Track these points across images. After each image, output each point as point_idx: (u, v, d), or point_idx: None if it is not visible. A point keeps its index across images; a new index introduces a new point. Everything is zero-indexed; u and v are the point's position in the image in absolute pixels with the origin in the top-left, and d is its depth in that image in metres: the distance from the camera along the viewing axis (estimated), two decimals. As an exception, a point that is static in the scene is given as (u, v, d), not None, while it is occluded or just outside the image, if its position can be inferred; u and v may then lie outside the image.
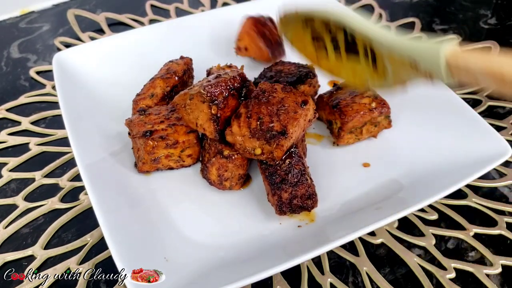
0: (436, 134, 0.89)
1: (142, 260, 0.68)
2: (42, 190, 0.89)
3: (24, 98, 1.09)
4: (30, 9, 1.43)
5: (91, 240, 0.79)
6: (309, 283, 0.73)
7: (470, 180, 0.76)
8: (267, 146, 0.74)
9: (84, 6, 1.44)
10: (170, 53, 1.06)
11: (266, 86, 0.79)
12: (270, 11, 1.19)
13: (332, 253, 0.77)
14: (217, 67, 0.94)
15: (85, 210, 0.84)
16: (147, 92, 0.93)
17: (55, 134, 1.00)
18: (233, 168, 0.79)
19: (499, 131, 0.88)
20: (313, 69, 0.97)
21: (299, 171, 0.76)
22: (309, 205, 0.77)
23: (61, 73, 0.98)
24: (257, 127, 0.75)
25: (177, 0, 1.44)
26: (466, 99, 1.04)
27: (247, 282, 0.63)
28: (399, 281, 0.74)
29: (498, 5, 1.42)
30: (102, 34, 1.30)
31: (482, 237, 0.80)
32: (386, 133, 0.94)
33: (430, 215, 0.82)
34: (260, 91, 0.78)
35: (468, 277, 0.74)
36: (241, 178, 0.82)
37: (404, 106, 0.96)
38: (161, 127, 0.83)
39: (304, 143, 0.86)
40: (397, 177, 0.85)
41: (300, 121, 0.75)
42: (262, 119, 0.75)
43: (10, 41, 1.31)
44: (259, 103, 0.77)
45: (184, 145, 0.83)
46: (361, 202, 0.81)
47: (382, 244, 0.78)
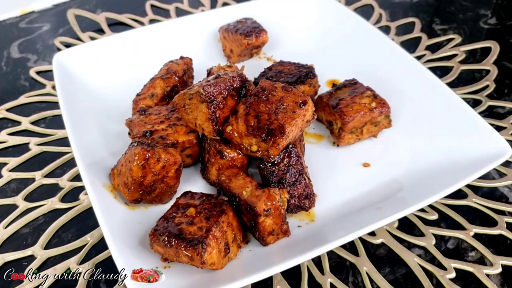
0: (436, 134, 0.89)
1: (142, 260, 0.68)
2: (42, 190, 0.89)
3: (24, 98, 1.09)
4: (30, 9, 1.43)
5: (91, 240, 0.79)
6: (309, 283, 0.73)
7: (470, 180, 0.76)
8: (263, 144, 0.75)
9: (84, 6, 1.44)
10: (170, 53, 1.06)
11: (266, 84, 0.79)
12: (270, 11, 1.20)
13: (332, 253, 0.77)
14: (217, 67, 0.94)
15: (85, 210, 0.84)
16: (147, 92, 0.93)
17: (55, 134, 1.00)
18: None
19: (499, 131, 0.88)
20: (313, 69, 0.97)
21: (297, 171, 0.76)
22: (306, 205, 0.77)
23: (61, 73, 0.98)
24: (254, 124, 0.76)
25: (177, 0, 1.44)
26: (466, 99, 1.04)
27: (247, 282, 0.63)
28: (399, 281, 0.74)
29: (498, 5, 1.42)
30: (102, 34, 1.30)
31: (482, 237, 0.80)
32: (386, 133, 0.94)
33: (430, 215, 0.82)
34: (260, 89, 0.78)
35: (468, 277, 0.74)
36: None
37: (404, 106, 0.96)
38: (161, 127, 0.83)
39: (303, 143, 0.86)
40: (397, 177, 0.85)
41: (298, 121, 0.75)
42: (260, 117, 0.76)
43: (10, 41, 1.31)
44: (258, 100, 0.77)
45: (184, 145, 0.83)
46: (361, 202, 0.81)
47: (382, 244, 0.78)
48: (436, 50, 1.21)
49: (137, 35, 1.12)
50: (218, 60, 1.10)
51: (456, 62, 1.16)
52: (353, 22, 1.15)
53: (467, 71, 1.15)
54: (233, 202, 0.73)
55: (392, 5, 1.42)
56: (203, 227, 0.67)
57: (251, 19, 1.14)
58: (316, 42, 1.17)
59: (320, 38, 1.18)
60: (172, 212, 0.72)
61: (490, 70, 1.14)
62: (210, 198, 0.74)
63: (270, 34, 1.10)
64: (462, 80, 1.12)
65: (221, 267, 0.68)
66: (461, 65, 1.16)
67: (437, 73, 1.06)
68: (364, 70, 1.03)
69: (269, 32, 1.10)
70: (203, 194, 0.75)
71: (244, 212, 0.72)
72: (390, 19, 1.35)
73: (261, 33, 1.08)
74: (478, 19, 1.35)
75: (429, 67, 1.09)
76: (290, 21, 1.21)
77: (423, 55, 1.20)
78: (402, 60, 1.02)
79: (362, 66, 1.06)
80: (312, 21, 1.21)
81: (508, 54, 1.20)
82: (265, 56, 1.16)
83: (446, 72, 1.14)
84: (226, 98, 0.77)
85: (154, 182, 0.76)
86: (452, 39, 1.25)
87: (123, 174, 0.77)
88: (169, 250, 0.66)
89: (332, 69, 1.08)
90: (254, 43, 1.07)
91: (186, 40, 1.14)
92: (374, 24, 1.31)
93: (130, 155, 0.75)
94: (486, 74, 1.13)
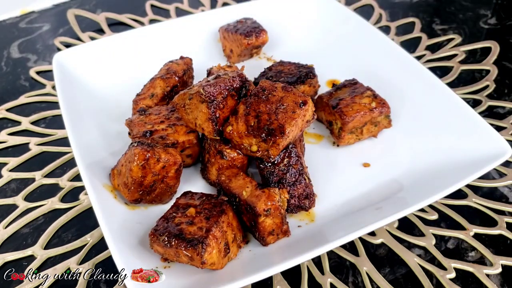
0: (436, 134, 0.89)
1: (142, 260, 0.68)
2: (42, 190, 0.89)
3: (24, 98, 1.09)
4: (30, 9, 1.43)
5: (91, 240, 0.79)
6: (309, 283, 0.73)
7: (470, 180, 0.76)
8: (263, 144, 0.75)
9: (84, 6, 1.44)
10: (170, 53, 1.06)
11: (266, 84, 0.79)
12: (270, 11, 1.20)
13: (332, 253, 0.77)
14: (218, 67, 0.94)
15: (85, 210, 0.84)
16: (147, 92, 0.93)
17: (55, 134, 1.00)
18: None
19: (499, 131, 0.88)
20: (313, 69, 0.97)
21: (297, 171, 0.76)
22: (306, 205, 0.77)
23: (61, 73, 0.98)
24: (254, 124, 0.76)
25: (177, 0, 1.44)
26: (466, 99, 1.04)
27: (247, 282, 0.63)
28: (399, 281, 0.74)
29: (498, 5, 1.42)
30: (102, 34, 1.30)
31: (482, 237, 0.80)
32: (386, 133, 0.94)
33: (430, 215, 0.82)
34: (260, 89, 0.78)
35: (468, 277, 0.74)
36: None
37: (404, 106, 0.96)
38: (161, 127, 0.83)
39: (303, 143, 0.86)
40: (397, 177, 0.85)
41: (298, 121, 0.75)
42: (260, 117, 0.76)
43: (10, 41, 1.31)
44: (258, 100, 0.77)
45: (184, 145, 0.83)
46: (361, 202, 0.81)
47: (382, 244, 0.78)
48: (436, 50, 1.21)
49: (137, 35, 1.12)
50: (218, 60, 1.10)
51: (456, 62, 1.16)
52: (353, 22, 1.15)
53: (467, 71, 1.15)
54: (233, 202, 0.73)
55: (392, 5, 1.42)
56: (203, 227, 0.67)
57: (251, 19, 1.14)
58: (316, 42, 1.17)
59: (320, 38, 1.18)
60: (172, 212, 0.72)
61: (490, 70, 1.14)
62: (210, 198, 0.74)
63: (270, 34, 1.10)
64: (462, 80, 1.12)
65: (221, 267, 0.68)
66: (461, 65, 1.16)
67: (437, 73, 1.06)
68: (364, 70, 1.03)
69: (269, 32, 1.10)
70: (203, 194, 0.75)
71: (244, 212, 0.72)
72: (390, 19, 1.35)
73: (261, 33, 1.08)
74: (478, 19, 1.35)
75: (429, 67, 1.09)
76: (290, 21, 1.21)
77: (423, 55, 1.20)
78: (402, 60, 1.02)
79: (362, 66, 1.06)
80: (312, 21, 1.21)
81: (508, 54, 1.20)
82: (265, 56, 1.16)
83: (446, 72, 1.14)
84: (226, 98, 0.77)
85: (154, 182, 0.76)
86: (452, 39, 1.25)
87: (123, 174, 0.77)
88: (169, 250, 0.66)
89: (332, 69, 1.08)
90: (254, 43, 1.07)
91: (186, 40, 1.14)
92: (374, 24, 1.31)
93: (130, 155, 0.75)
94: (486, 74, 1.13)
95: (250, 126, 0.76)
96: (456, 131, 0.87)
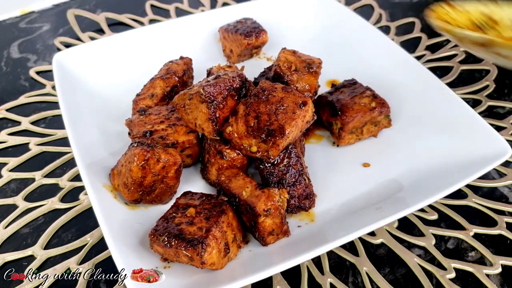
0: (436, 134, 0.89)
1: (142, 260, 0.68)
2: (42, 190, 0.89)
3: (24, 98, 1.10)
4: (30, 9, 1.43)
5: (91, 240, 0.79)
6: (309, 283, 0.73)
7: (470, 180, 0.76)
8: (263, 145, 0.75)
9: (84, 6, 1.44)
10: (170, 53, 1.06)
11: (266, 85, 0.79)
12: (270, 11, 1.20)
13: (332, 253, 0.77)
14: (218, 67, 0.94)
15: (85, 210, 0.84)
16: (147, 92, 0.93)
17: (55, 134, 1.00)
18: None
19: (499, 131, 0.88)
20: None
21: (297, 171, 0.76)
22: (306, 205, 0.77)
23: (61, 73, 0.98)
24: (254, 125, 0.76)
25: (177, 0, 1.44)
26: (466, 99, 1.04)
27: (247, 282, 0.63)
28: (399, 281, 0.74)
29: (498, 5, 1.42)
30: (102, 34, 1.30)
31: (482, 237, 0.80)
32: (386, 133, 0.94)
33: (430, 215, 0.82)
34: (260, 89, 0.78)
35: (468, 277, 0.74)
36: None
37: (404, 106, 0.96)
38: (161, 127, 0.83)
39: (303, 143, 0.86)
40: (397, 177, 0.85)
41: (298, 121, 0.75)
42: (260, 117, 0.76)
43: (10, 41, 1.31)
44: (258, 101, 0.77)
45: (184, 145, 0.83)
46: (361, 202, 0.81)
47: (382, 244, 0.78)
48: (436, 50, 1.21)
49: (137, 35, 1.12)
50: (218, 60, 1.10)
51: (456, 62, 1.16)
52: (353, 22, 1.15)
53: (467, 71, 1.15)
54: (233, 202, 0.73)
55: (392, 5, 1.42)
56: (203, 227, 0.67)
57: (251, 19, 1.14)
58: (316, 42, 1.17)
59: (320, 38, 1.18)
60: (172, 212, 0.72)
61: (490, 70, 1.14)
62: (210, 198, 0.74)
63: (270, 34, 1.11)
64: (462, 80, 1.12)
65: (221, 267, 0.68)
66: (461, 65, 1.16)
67: (437, 73, 1.06)
68: (364, 70, 1.03)
69: (269, 32, 1.10)
70: (203, 194, 0.75)
71: (244, 212, 0.72)
72: (390, 19, 1.35)
73: (261, 33, 1.08)
74: (478, 19, 1.35)
75: (429, 67, 1.09)
76: (290, 21, 1.21)
77: (423, 55, 1.20)
78: (402, 60, 1.02)
79: (362, 66, 1.06)
80: (312, 21, 1.21)
81: (508, 54, 1.20)
82: (265, 56, 1.16)
83: (446, 72, 1.14)
84: (226, 98, 0.77)
85: (154, 182, 0.76)
86: (452, 39, 1.25)
87: (123, 174, 0.77)
88: (169, 250, 0.66)
89: (332, 69, 1.08)
90: (254, 43, 1.07)
91: (186, 40, 1.14)
92: (374, 24, 1.31)
93: (130, 155, 0.75)
94: (486, 74, 1.13)
95: (250, 126, 0.76)
96: (456, 131, 0.87)
